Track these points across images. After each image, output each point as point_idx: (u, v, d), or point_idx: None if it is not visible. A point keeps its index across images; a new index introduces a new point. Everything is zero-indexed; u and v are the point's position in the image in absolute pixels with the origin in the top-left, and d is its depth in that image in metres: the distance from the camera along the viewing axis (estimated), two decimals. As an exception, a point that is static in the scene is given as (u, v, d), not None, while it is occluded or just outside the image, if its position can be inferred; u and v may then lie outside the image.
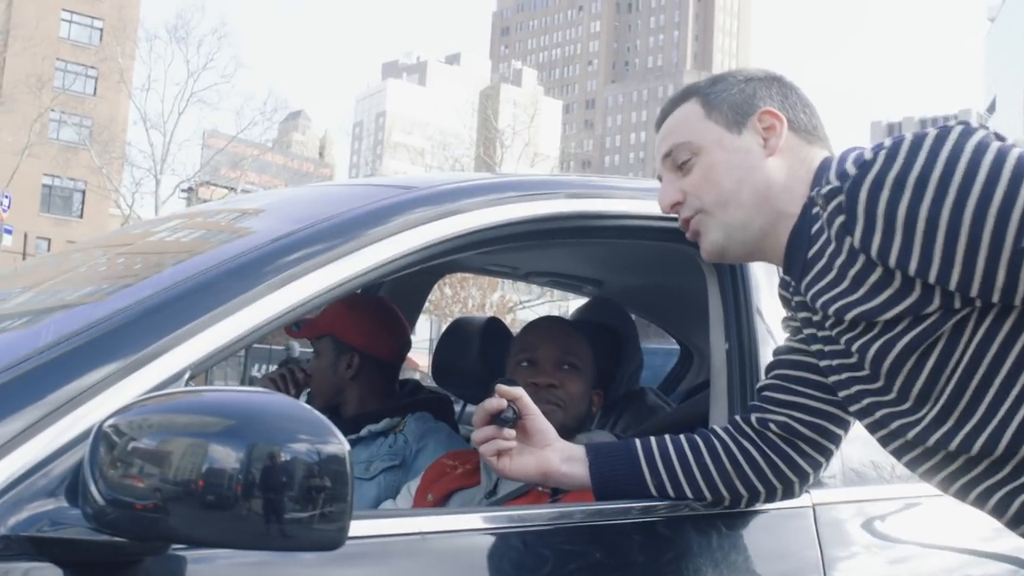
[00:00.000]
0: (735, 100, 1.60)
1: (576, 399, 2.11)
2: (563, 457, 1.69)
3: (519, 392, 1.69)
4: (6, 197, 30.55)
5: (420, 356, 17.02)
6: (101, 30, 43.99)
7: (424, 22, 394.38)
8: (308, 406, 1.16)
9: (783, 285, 1.70)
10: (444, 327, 3.26)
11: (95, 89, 43.63)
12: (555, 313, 11.15)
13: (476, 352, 2.73)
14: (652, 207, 1.78)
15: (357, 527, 1.34)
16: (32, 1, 41.34)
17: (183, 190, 38.17)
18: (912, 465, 1.52)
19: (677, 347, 3.55)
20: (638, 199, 1.89)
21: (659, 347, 4.35)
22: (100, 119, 41.06)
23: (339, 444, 1.12)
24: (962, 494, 1.48)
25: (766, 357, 1.88)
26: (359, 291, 3.09)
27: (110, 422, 1.14)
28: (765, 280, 1.93)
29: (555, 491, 1.92)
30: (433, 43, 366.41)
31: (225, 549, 1.19)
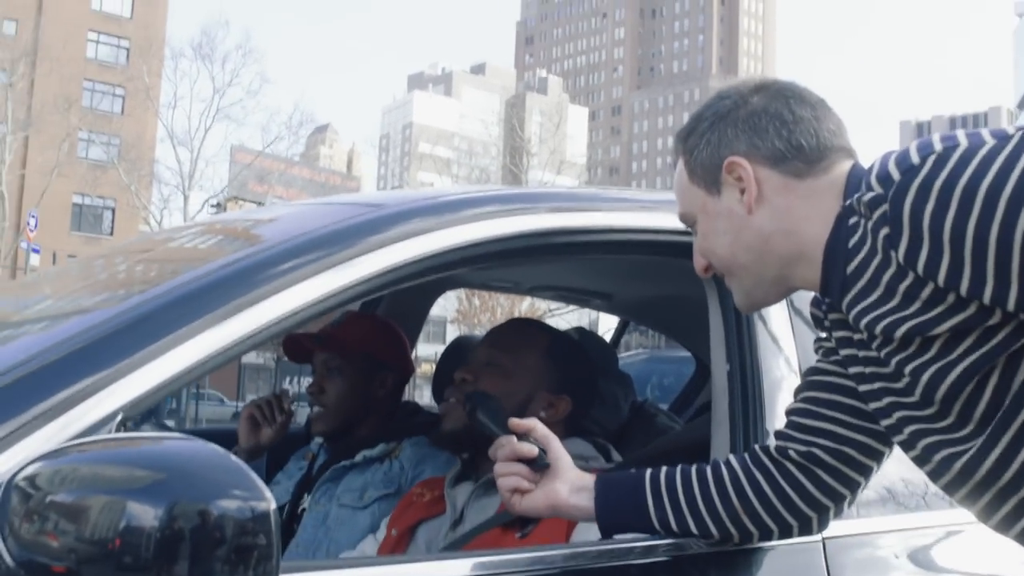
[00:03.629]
0: (704, 158, 1.46)
1: None
2: (572, 488, 1.59)
3: (532, 423, 1.63)
4: (32, 217, 30.85)
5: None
6: (127, 49, 44.44)
7: (449, 33, 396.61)
8: (234, 456, 1.05)
9: (815, 303, 1.55)
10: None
11: (122, 108, 44.05)
12: (584, 322, 10.96)
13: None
14: (639, 219, 1.66)
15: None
16: (59, 23, 41.72)
17: (212, 205, 38.45)
18: (964, 502, 1.38)
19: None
20: (625, 211, 1.77)
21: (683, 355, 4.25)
22: (128, 137, 41.44)
23: (266, 501, 1.02)
24: (1004, 526, 1.35)
25: (771, 380, 1.75)
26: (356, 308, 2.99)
27: (25, 473, 1.05)
28: None
29: (524, 524, 1.80)
30: (458, 53, 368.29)
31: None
